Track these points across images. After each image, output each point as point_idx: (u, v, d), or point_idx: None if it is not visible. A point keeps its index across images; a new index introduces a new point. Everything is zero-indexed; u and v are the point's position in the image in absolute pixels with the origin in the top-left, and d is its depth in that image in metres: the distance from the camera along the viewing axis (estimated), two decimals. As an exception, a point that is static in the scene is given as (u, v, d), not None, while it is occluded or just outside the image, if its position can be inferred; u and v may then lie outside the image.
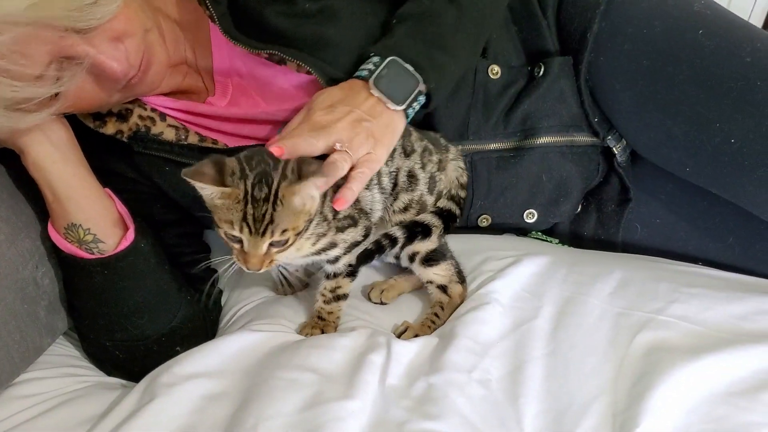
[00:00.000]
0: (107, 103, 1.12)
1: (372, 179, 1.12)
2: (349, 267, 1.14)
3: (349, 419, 0.94)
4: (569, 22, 1.31)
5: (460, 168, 1.27)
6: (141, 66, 1.08)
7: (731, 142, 1.13)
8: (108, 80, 1.05)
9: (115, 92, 1.09)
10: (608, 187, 1.37)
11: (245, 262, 0.97)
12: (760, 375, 0.96)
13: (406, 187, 1.18)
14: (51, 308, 1.15)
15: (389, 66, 1.09)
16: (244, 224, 0.93)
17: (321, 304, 1.17)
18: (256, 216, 0.92)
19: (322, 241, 1.06)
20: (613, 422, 0.94)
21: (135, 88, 1.11)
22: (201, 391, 1.02)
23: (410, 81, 1.10)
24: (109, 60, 1.02)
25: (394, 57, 1.10)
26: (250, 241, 0.94)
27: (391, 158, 1.15)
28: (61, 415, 1.04)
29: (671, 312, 1.07)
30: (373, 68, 1.09)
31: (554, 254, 1.28)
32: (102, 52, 1.01)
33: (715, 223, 1.28)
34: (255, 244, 0.95)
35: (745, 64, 1.13)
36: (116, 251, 1.10)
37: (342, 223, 1.08)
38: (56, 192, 1.07)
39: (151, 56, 1.09)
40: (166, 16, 1.19)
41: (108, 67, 1.02)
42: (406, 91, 1.10)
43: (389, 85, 1.09)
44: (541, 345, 1.07)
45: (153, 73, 1.11)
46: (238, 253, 0.97)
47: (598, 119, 1.31)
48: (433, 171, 1.21)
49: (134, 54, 1.06)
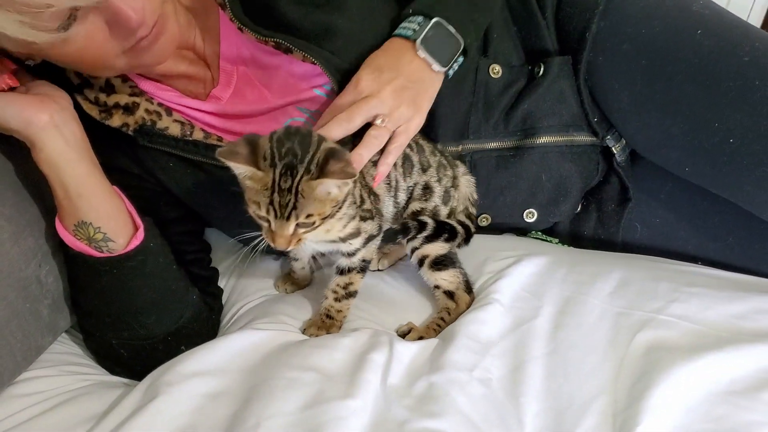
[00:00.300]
0: (112, 63, 1.07)
1: (390, 188, 1.16)
2: (363, 262, 1.16)
3: (351, 418, 0.94)
4: (568, 21, 1.31)
5: (472, 183, 1.29)
6: (154, 28, 1.05)
7: (730, 142, 1.13)
8: (121, 30, 1.02)
9: (122, 54, 1.06)
10: (608, 186, 1.38)
11: (273, 240, 1.00)
12: (759, 374, 0.96)
13: (419, 197, 1.21)
14: (54, 307, 1.15)
15: (435, 27, 1.13)
16: (270, 208, 0.97)
17: (331, 302, 1.18)
18: (282, 203, 0.96)
19: (351, 225, 1.09)
20: (614, 421, 0.94)
21: (142, 55, 1.07)
22: (203, 390, 1.02)
23: (454, 42, 1.15)
24: (127, 7, 0.99)
25: (439, 18, 1.13)
26: (276, 223, 0.98)
27: (410, 174, 1.18)
28: (62, 413, 1.04)
29: (671, 311, 1.07)
30: (417, 28, 1.12)
31: (554, 254, 1.28)
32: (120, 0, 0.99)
33: (715, 222, 1.28)
34: (281, 226, 0.98)
35: (743, 64, 1.14)
36: (126, 250, 1.10)
37: (365, 213, 1.11)
38: (68, 189, 1.07)
39: (164, 24, 1.07)
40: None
41: (124, 13, 0.99)
42: (450, 52, 1.14)
43: (435, 46, 1.13)
44: (542, 344, 1.07)
45: (163, 42, 1.09)
46: (267, 230, 1.01)
47: (598, 119, 1.32)
48: (447, 186, 1.23)
49: (151, 12, 1.03)
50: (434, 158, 1.22)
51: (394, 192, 1.18)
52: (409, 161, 1.19)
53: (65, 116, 1.06)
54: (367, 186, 1.12)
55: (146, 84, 1.21)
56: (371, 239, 1.14)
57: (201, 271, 1.30)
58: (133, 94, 1.19)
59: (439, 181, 1.22)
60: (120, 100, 1.18)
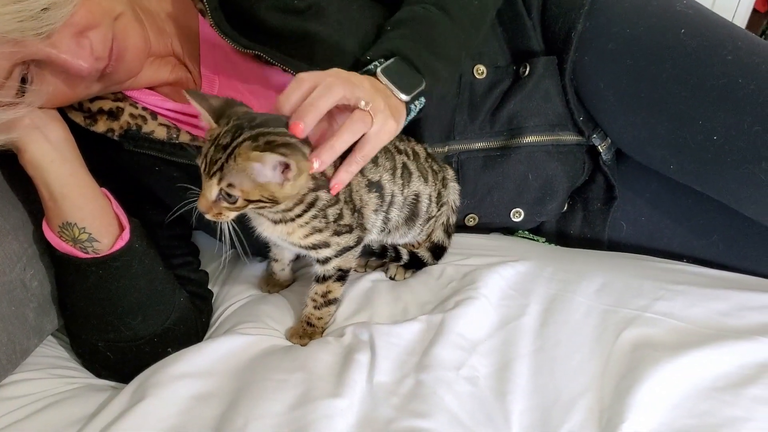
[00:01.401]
0: (87, 94, 1.11)
1: (382, 204, 1.13)
2: (340, 271, 1.14)
3: (338, 417, 0.94)
4: (554, 22, 1.32)
5: (456, 191, 1.29)
6: (111, 55, 1.06)
7: (714, 140, 1.14)
8: (78, 77, 1.04)
9: (92, 84, 1.08)
10: (594, 185, 1.39)
11: (198, 202, 0.96)
12: (743, 370, 0.97)
13: (423, 215, 1.21)
14: (40, 310, 1.14)
15: (395, 62, 1.09)
16: (203, 160, 0.94)
17: (311, 310, 1.16)
18: (212, 158, 0.92)
19: (315, 237, 1.06)
20: (600, 418, 0.95)
21: (113, 77, 1.09)
22: (190, 392, 1.02)
23: (415, 80, 1.10)
24: (73, 59, 1.00)
25: (397, 57, 1.10)
26: (204, 180, 0.95)
27: (407, 184, 1.16)
28: (49, 416, 1.04)
29: (656, 309, 1.08)
30: (378, 64, 1.09)
31: (541, 253, 1.29)
32: (65, 52, 0.99)
33: (700, 220, 1.29)
34: (206, 185, 0.94)
35: (726, 62, 1.15)
36: (111, 251, 1.10)
37: (341, 228, 1.08)
38: (52, 190, 1.07)
39: (123, 42, 1.08)
40: (146, 6, 1.18)
41: (72, 66, 1.00)
42: (412, 84, 1.09)
43: (396, 75, 1.08)
44: (528, 342, 1.08)
45: (129, 59, 1.10)
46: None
47: (583, 118, 1.32)
48: (440, 189, 1.23)
49: (101, 45, 1.04)
50: (427, 164, 1.22)
51: (387, 208, 1.14)
52: (406, 171, 1.16)
53: (47, 117, 1.06)
54: (352, 202, 1.09)
55: (130, 89, 1.21)
56: (346, 251, 1.11)
57: (190, 273, 1.30)
58: (116, 99, 1.19)
59: (435, 187, 1.22)
60: (104, 105, 1.18)
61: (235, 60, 1.22)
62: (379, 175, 1.11)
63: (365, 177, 1.10)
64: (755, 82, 1.11)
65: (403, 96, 1.07)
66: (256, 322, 1.20)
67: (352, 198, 1.08)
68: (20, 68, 0.98)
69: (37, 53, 0.98)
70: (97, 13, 1.04)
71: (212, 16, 1.14)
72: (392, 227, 1.18)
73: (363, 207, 1.11)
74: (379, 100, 1.02)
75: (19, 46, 0.95)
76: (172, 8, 1.22)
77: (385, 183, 1.12)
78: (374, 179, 1.11)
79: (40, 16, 0.94)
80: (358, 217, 1.10)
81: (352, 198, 1.08)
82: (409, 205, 1.17)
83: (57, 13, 0.96)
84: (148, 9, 1.19)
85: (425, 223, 1.23)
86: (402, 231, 1.20)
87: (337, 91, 0.97)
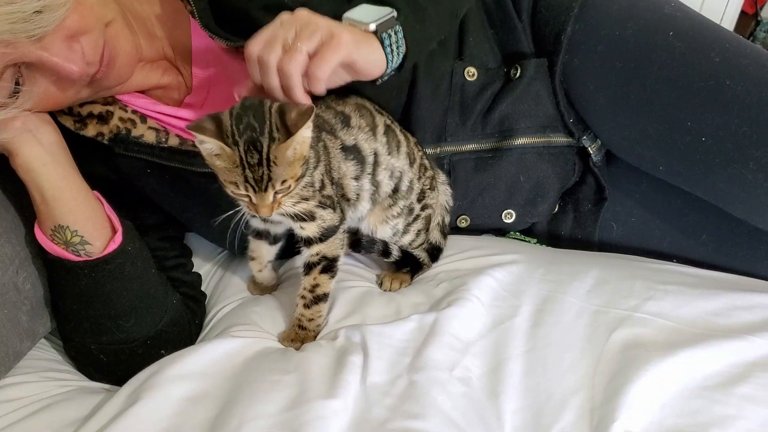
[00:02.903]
0: (77, 99, 1.12)
1: (365, 168, 1.14)
2: (325, 259, 1.13)
3: (331, 418, 0.95)
4: (544, 24, 1.33)
5: (449, 192, 1.30)
6: (102, 60, 1.06)
7: (702, 141, 1.15)
8: (68, 81, 1.04)
9: (82, 89, 1.09)
10: (584, 186, 1.39)
11: (257, 211, 1.01)
12: (733, 369, 0.98)
13: (404, 195, 1.21)
14: (33, 313, 1.14)
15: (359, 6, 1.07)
16: (248, 185, 0.97)
17: (301, 310, 1.15)
18: (256, 178, 0.96)
19: (301, 205, 1.07)
20: (591, 417, 0.95)
21: (102, 82, 1.10)
22: (184, 394, 1.02)
23: (381, 10, 1.06)
24: (64, 62, 1.00)
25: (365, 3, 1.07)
26: (257, 197, 0.99)
27: (396, 154, 1.17)
28: (42, 419, 1.04)
29: (647, 309, 1.09)
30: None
31: (532, 254, 1.30)
32: (56, 55, 1.00)
33: (689, 220, 1.30)
34: (261, 198, 0.99)
35: (714, 64, 1.16)
36: (103, 254, 1.10)
37: (324, 200, 1.09)
38: (44, 194, 1.07)
39: (114, 49, 1.08)
40: (138, 11, 1.19)
41: (63, 69, 1.01)
42: (378, 13, 1.05)
43: (360, 12, 1.05)
44: (520, 343, 1.08)
45: (120, 65, 1.10)
46: (248, 204, 1.01)
47: (574, 120, 1.33)
48: (425, 186, 1.24)
49: (92, 51, 1.05)
50: (419, 153, 1.23)
51: (372, 169, 1.15)
52: (392, 134, 1.17)
53: (38, 121, 1.06)
54: (330, 174, 1.10)
55: (120, 93, 1.21)
56: (330, 232, 1.11)
57: (183, 275, 1.30)
58: (106, 103, 1.19)
59: (419, 179, 1.22)
60: (93, 109, 1.18)
61: (226, 61, 1.22)
62: (353, 137, 1.13)
63: (339, 139, 1.11)
64: (743, 83, 1.13)
65: (367, 27, 1.03)
66: (249, 324, 1.20)
67: (332, 167, 1.10)
68: (12, 70, 0.99)
69: (28, 55, 0.98)
70: (89, 19, 1.04)
71: (200, 16, 1.15)
72: (383, 195, 1.19)
73: (342, 178, 1.13)
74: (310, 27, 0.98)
75: (11, 48, 0.95)
76: (163, 12, 1.22)
77: (362, 143, 1.13)
78: (348, 143, 1.12)
79: (32, 18, 0.94)
80: (338, 189, 1.12)
81: (332, 167, 1.10)
82: (396, 178, 1.19)
83: (49, 17, 0.96)
84: (139, 14, 1.19)
85: (408, 214, 1.23)
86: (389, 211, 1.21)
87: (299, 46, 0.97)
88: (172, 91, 1.25)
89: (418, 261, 1.28)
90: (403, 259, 1.27)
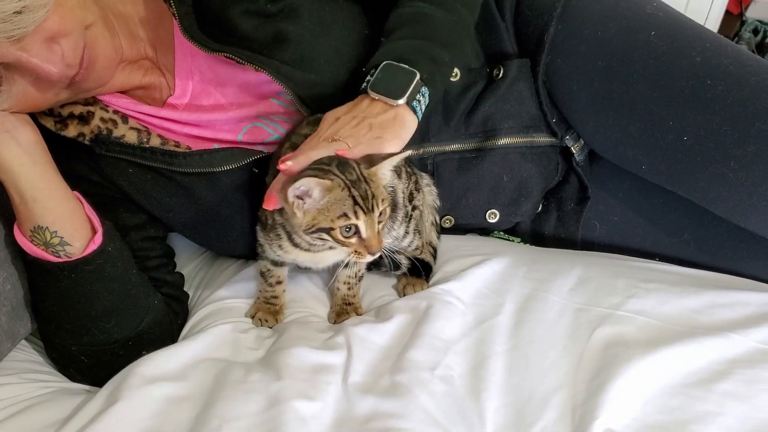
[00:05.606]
0: (56, 101, 1.11)
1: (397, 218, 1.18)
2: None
3: (312, 418, 0.95)
4: (526, 25, 1.33)
5: (434, 193, 1.31)
6: (82, 63, 1.06)
7: (684, 140, 1.16)
8: (47, 82, 1.04)
9: (62, 91, 1.08)
10: (567, 186, 1.40)
11: (367, 249, 0.99)
12: (714, 366, 0.99)
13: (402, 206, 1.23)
14: (13, 314, 1.13)
15: (383, 70, 1.09)
16: (357, 208, 0.96)
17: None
18: (363, 195, 0.96)
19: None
20: (573, 415, 0.96)
21: (82, 84, 1.09)
22: (164, 394, 1.02)
23: (407, 76, 1.09)
24: (43, 63, 1.00)
25: (387, 61, 1.10)
26: (367, 223, 0.97)
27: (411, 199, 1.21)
28: (23, 421, 1.03)
29: (629, 307, 1.10)
30: (370, 78, 1.10)
31: (516, 253, 1.30)
32: (35, 56, 0.99)
33: (671, 219, 1.31)
34: (371, 224, 0.98)
35: (695, 64, 1.16)
36: (83, 254, 1.09)
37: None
38: (23, 194, 1.06)
39: (94, 51, 1.08)
40: (121, 11, 1.18)
41: (42, 71, 1.00)
42: (404, 84, 1.08)
43: (386, 85, 1.08)
44: (503, 341, 1.09)
45: (99, 68, 1.10)
46: (357, 245, 0.99)
47: (557, 120, 1.33)
48: (411, 189, 1.24)
49: (71, 53, 1.04)
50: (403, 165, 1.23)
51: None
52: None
53: (17, 121, 1.05)
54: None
55: (100, 95, 1.20)
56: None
57: (165, 276, 1.30)
58: (87, 103, 1.19)
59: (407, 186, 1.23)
60: (74, 109, 1.18)
61: (209, 63, 1.22)
62: None
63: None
64: (723, 83, 1.13)
65: (397, 101, 1.07)
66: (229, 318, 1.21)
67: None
68: None
69: (6, 56, 0.97)
70: (69, 21, 1.03)
71: (181, 21, 1.14)
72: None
73: None
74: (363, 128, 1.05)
75: None
76: (146, 13, 1.21)
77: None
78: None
79: (12, 19, 0.93)
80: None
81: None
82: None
83: (29, 17, 0.95)
84: (122, 14, 1.18)
85: (406, 220, 1.23)
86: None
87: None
88: (154, 91, 1.24)
89: (427, 263, 1.28)
90: (415, 267, 1.26)
